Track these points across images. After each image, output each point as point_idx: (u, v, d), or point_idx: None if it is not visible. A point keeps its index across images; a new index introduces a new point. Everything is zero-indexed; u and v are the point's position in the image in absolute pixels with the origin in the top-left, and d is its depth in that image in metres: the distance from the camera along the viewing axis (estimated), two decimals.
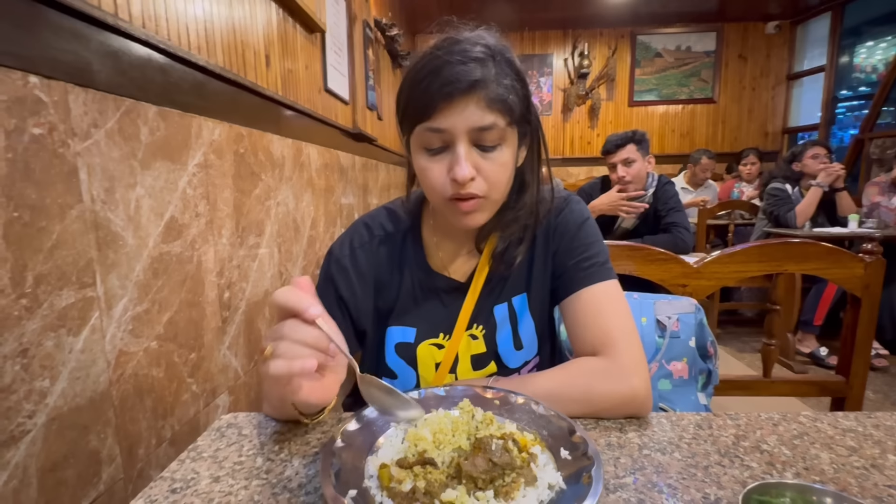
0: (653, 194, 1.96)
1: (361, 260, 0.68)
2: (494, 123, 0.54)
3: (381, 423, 0.49)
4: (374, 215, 0.72)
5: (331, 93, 1.76)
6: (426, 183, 0.58)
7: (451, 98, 0.52)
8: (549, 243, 0.66)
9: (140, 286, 0.73)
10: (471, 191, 0.55)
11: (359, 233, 0.70)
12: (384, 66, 3.00)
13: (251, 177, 1.11)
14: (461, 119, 0.53)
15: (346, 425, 0.46)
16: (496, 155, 0.56)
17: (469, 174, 0.54)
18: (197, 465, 0.46)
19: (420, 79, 0.54)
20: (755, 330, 3.15)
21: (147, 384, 0.74)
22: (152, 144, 0.76)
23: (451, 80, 0.52)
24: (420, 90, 0.54)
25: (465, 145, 0.54)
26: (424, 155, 0.57)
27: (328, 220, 1.71)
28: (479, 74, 0.52)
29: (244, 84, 1.06)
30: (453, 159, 0.55)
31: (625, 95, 5.04)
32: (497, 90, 0.53)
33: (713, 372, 0.85)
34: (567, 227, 0.66)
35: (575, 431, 0.45)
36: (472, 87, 0.52)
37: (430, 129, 0.54)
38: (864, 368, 1.04)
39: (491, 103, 0.53)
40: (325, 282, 0.71)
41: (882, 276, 1.01)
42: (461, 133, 0.54)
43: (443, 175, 0.56)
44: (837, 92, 4.43)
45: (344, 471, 0.40)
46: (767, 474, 0.44)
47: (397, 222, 0.70)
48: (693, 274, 1.02)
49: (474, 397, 0.52)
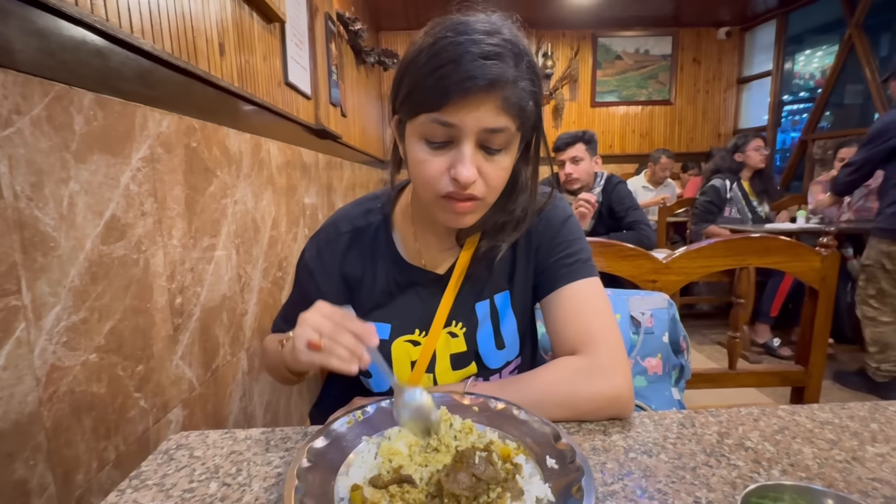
0: (601, 192, 2.03)
1: (327, 259, 0.66)
2: (506, 127, 0.50)
3: (351, 437, 0.45)
4: (345, 211, 0.69)
5: (292, 87, 1.69)
6: (421, 176, 0.54)
7: (468, 94, 0.48)
8: (532, 240, 0.64)
9: (76, 293, 0.65)
10: (470, 192, 0.52)
11: (326, 231, 0.68)
12: (347, 62, 2.92)
13: (205, 173, 1.03)
14: (473, 118, 0.49)
15: (313, 442, 0.42)
16: (499, 159, 0.53)
17: (473, 177, 0.50)
18: (140, 496, 0.41)
19: (436, 65, 0.48)
20: (713, 322, 3.27)
21: (86, 401, 0.67)
22: (88, 135, 0.69)
23: (472, 74, 0.47)
24: (435, 77, 0.48)
25: (472, 146, 0.51)
26: (424, 146, 0.53)
27: (290, 220, 1.63)
28: (501, 73, 0.48)
29: (196, 73, 0.98)
30: (457, 158, 0.51)
31: (587, 96, 5.15)
32: (515, 93, 0.50)
33: (685, 366, 0.86)
34: (550, 223, 0.64)
35: (560, 437, 0.43)
36: (491, 86, 0.48)
37: (439, 122, 0.50)
38: (822, 358, 1.08)
39: (507, 106, 0.49)
40: (296, 286, 0.70)
41: (837, 268, 1.05)
42: (471, 132, 0.50)
43: (441, 171, 0.52)
44: (782, 96, 4.69)
45: (310, 495, 0.35)
46: (755, 473, 0.43)
47: (368, 216, 0.67)
48: (662, 269, 1.03)
49: (451, 404, 0.49)
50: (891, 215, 2.09)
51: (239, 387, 1.19)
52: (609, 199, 2.03)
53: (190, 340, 0.96)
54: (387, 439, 0.45)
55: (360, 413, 0.48)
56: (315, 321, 0.47)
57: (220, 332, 1.09)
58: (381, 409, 0.50)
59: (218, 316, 1.08)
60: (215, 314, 1.06)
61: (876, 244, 2.16)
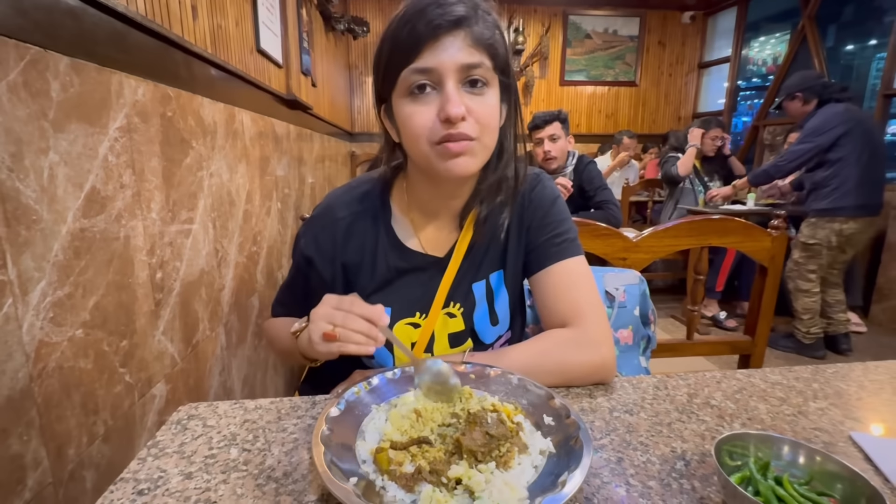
0: (573, 171, 2.10)
1: (325, 245, 0.66)
2: (481, 62, 0.54)
3: (362, 406, 0.48)
4: (338, 195, 0.69)
5: (264, 54, 1.62)
6: (412, 129, 0.55)
7: (438, 35, 0.52)
8: (524, 220, 0.67)
9: (60, 267, 0.64)
10: (462, 130, 0.53)
11: (321, 217, 0.68)
12: (317, 28, 2.81)
13: (181, 144, 1.00)
14: (448, 56, 0.52)
15: (328, 411, 0.44)
16: (485, 96, 0.55)
17: (461, 111, 0.52)
18: (162, 463, 0.42)
19: (403, 23, 0.53)
20: (668, 297, 3.49)
21: (74, 377, 0.66)
22: (66, 103, 0.66)
23: (436, 17, 0.51)
24: (405, 32, 0.52)
25: (454, 84, 0.53)
26: (410, 101, 0.55)
27: (264, 194, 1.60)
28: (464, 11, 0.53)
29: (170, 38, 0.93)
30: (443, 98, 0.53)
31: (556, 74, 5.18)
32: (482, 30, 0.54)
33: (652, 337, 0.93)
34: (541, 203, 0.67)
35: (553, 397, 0.47)
36: (457, 24, 0.52)
37: (417, 70, 0.53)
38: (766, 329, 1.19)
39: (476, 42, 0.53)
40: (295, 274, 0.71)
41: (784, 248, 1.15)
42: (450, 71, 0.53)
43: (430, 118, 0.54)
44: (738, 81, 4.90)
45: (337, 459, 0.38)
46: (720, 426, 0.49)
47: (364, 200, 0.67)
48: (632, 248, 1.10)
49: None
50: (839, 196, 2.28)
51: (218, 362, 1.18)
52: (580, 179, 2.09)
53: (171, 316, 0.94)
54: (394, 406, 0.48)
55: (366, 384, 0.51)
56: (326, 314, 0.50)
57: (199, 307, 1.07)
58: (387, 378, 0.53)
59: (197, 291, 1.06)
60: (194, 289, 1.05)
61: (826, 223, 2.34)
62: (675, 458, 0.44)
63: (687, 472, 0.42)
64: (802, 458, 0.39)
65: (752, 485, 0.37)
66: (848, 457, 0.45)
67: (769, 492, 0.36)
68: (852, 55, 3.90)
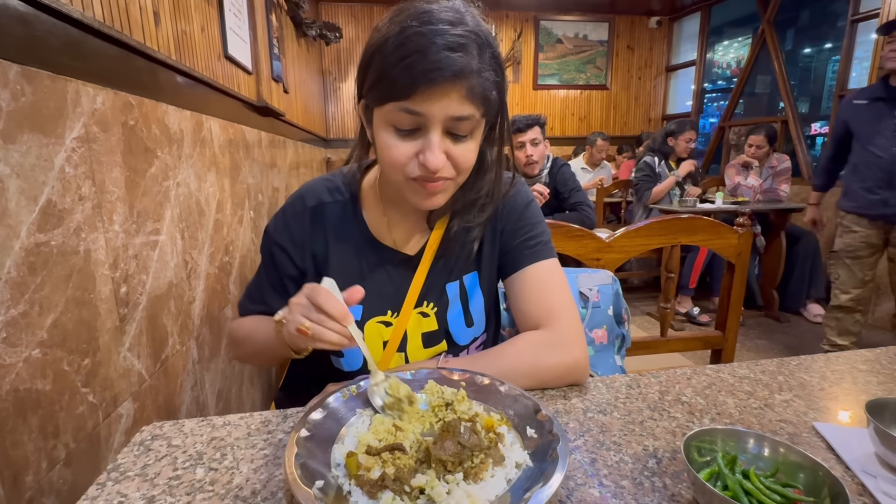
0: (548, 174, 2.14)
1: (296, 233, 0.66)
2: (471, 115, 0.53)
3: (344, 411, 0.47)
4: (310, 186, 0.68)
5: (232, 60, 1.59)
6: (389, 160, 0.55)
7: (434, 84, 0.50)
8: (498, 223, 0.67)
9: (13, 285, 0.61)
10: (439, 175, 0.54)
11: (292, 205, 0.67)
12: (288, 35, 2.77)
13: (145, 153, 0.97)
14: (440, 107, 0.51)
15: (311, 414, 0.44)
16: (466, 143, 0.55)
17: (441, 164, 0.52)
18: (122, 487, 0.40)
19: (402, 55, 0.50)
20: (641, 295, 3.56)
21: (31, 399, 0.63)
22: (17, 112, 0.63)
23: (438, 66, 0.49)
24: (402, 67, 0.50)
25: (439, 133, 0.53)
26: (392, 133, 0.54)
27: (235, 203, 1.56)
28: (466, 64, 0.50)
29: (130, 45, 0.91)
30: (425, 145, 0.53)
31: (530, 79, 5.25)
32: (480, 83, 0.52)
33: (626, 336, 0.95)
34: (515, 206, 0.67)
35: (540, 410, 0.47)
36: (457, 77, 0.50)
37: (406, 110, 0.51)
38: (736, 323, 1.23)
39: (472, 95, 0.52)
40: (269, 264, 0.69)
41: (750, 245, 1.19)
42: (437, 120, 0.52)
43: (410, 156, 0.54)
44: (704, 84, 5.06)
45: (309, 460, 0.37)
46: (691, 423, 0.50)
47: (335, 192, 0.67)
48: (605, 248, 1.12)
49: (440, 379, 0.52)
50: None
51: (190, 376, 1.15)
52: (554, 182, 2.12)
53: (137, 331, 0.91)
54: (382, 413, 0.47)
55: (354, 388, 0.51)
56: (301, 307, 0.49)
57: (168, 321, 1.04)
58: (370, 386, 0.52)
59: (165, 304, 1.03)
60: (162, 302, 1.02)
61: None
62: (648, 457, 0.44)
63: (658, 470, 0.42)
64: (767, 451, 0.40)
65: (720, 479, 0.38)
66: (811, 447, 0.46)
67: (737, 486, 0.37)
68: (810, 58, 4.08)
